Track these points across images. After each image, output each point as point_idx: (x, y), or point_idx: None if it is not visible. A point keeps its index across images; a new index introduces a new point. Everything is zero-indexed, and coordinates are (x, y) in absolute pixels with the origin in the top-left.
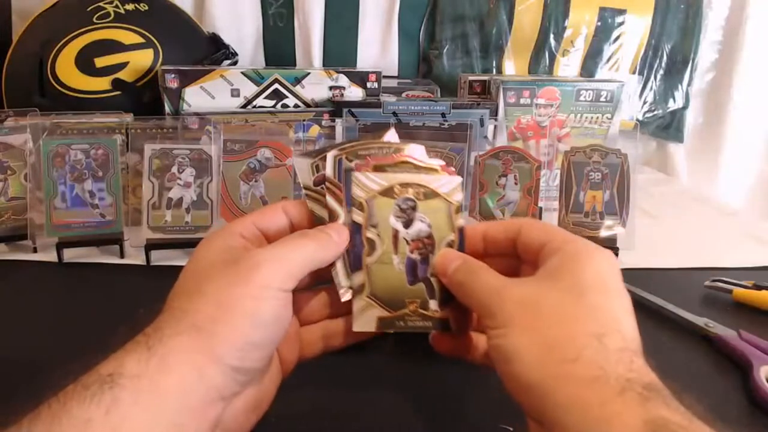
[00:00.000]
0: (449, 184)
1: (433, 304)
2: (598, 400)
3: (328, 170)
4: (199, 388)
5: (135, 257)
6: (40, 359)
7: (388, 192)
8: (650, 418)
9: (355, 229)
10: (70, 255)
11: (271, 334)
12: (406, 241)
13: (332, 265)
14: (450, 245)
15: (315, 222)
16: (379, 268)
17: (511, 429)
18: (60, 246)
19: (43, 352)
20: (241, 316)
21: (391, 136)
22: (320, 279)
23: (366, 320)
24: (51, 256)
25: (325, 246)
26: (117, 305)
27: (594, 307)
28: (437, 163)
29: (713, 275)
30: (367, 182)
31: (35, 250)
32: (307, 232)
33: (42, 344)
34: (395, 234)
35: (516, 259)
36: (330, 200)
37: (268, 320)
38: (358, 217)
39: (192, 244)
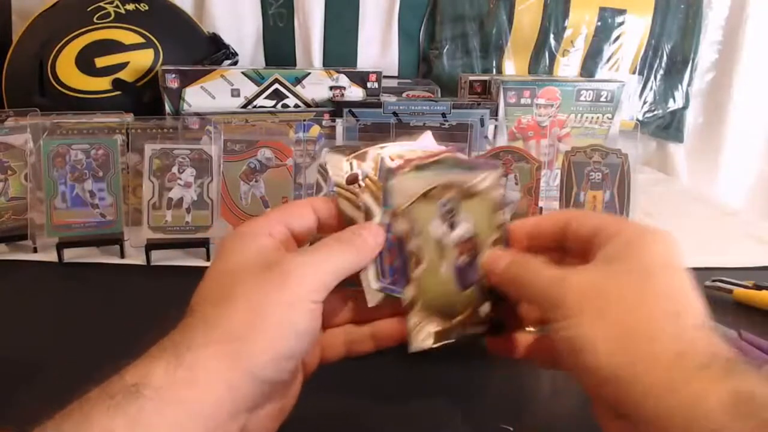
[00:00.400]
0: (488, 179)
1: (485, 307)
2: (683, 379)
3: (368, 166)
4: (226, 401)
5: (135, 257)
6: (40, 359)
7: (428, 196)
8: (736, 389)
9: (398, 241)
10: (71, 255)
11: (302, 344)
12: (452, 246)
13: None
14: (495, 244)
15: (345, 222)
16: (428, 280)
17: (511, 429)
18: (60, 246)
19: (43, 352)
20: (275, 326)
21: (428, 140)
22: (347, 281)
23: (423, 337)
24: (51, 256)
25: (360, 252)
26: (117, 305)
27: (664, 287)
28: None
29: (713, 275)
30: (406, 187)
31: (35, 250)
32: (341, 236)
33: (42, 344)
34: (439, 240)
35: (561, 253)
36: (367, 198)
37: (300, 331)
38: (401, 226)
39: (192, 244)
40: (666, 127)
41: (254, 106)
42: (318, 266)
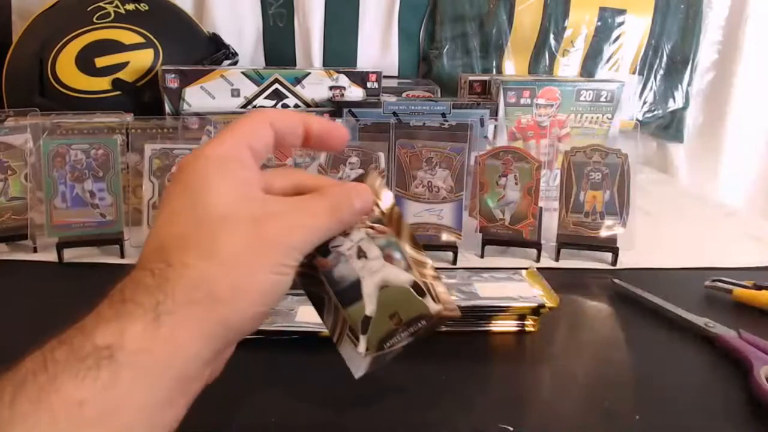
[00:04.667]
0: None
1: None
2: None
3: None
4: (203, 353)
5: (135, 257)
6: None
7: None
8: None
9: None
10: (71, 255)
11: (275, 302)
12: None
13: None
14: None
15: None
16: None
17: (512, 429)
18: (60, 246)
19: None
20: (260, 290)
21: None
22: None
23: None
24: (51, 256)
25: (345, 221)
26: None
27: None
28: None
29: (713, 275)
30: None
31: (35, 250)
32: (332, 201)
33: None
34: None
35: None
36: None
37: (281, 292)
38: None
39: None
40: (666, 127)
41: (254, 106)
42: (305, 234)
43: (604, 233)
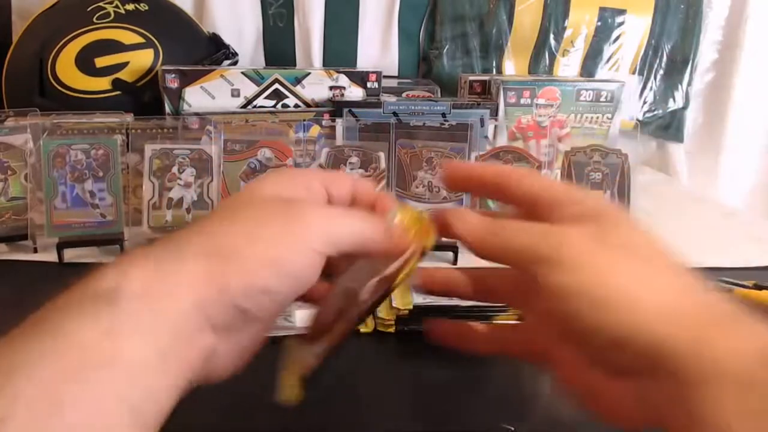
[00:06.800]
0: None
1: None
2: (717, 332)
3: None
4: (193, 317)
5: None
6: None
7: None
8: (764, 341)
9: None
10: (71, 255)
11: (288, 288)
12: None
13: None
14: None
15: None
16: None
17: (512, 429)
18: (60, 246)
19: None
20: (261, 258)
21: None
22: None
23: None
24: (51, 257)
25: (380, 236)
26: None
27: (663, 247)
28: None
29: (713, 275)
30: None
31: (36, 251)
32: (371, 215)
33: None
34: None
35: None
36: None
37: (292, 274)
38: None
39: None
40: (666, 127)
41: (254, 106)
42: (336, 224)
43: None
